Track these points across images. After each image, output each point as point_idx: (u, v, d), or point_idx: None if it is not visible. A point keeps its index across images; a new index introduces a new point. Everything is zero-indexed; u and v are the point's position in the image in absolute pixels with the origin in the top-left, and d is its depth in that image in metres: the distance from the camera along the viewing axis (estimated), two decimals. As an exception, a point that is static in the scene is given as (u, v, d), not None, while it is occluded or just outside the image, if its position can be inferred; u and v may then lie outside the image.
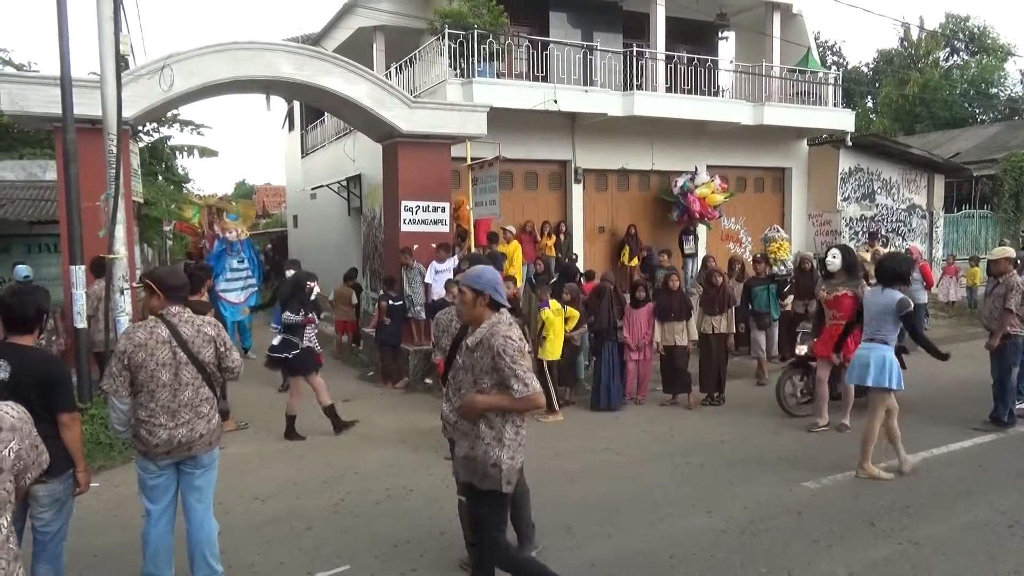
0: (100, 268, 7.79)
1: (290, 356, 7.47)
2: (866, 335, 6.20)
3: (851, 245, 9.07)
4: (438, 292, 10.52)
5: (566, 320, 8.28)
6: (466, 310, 3.63)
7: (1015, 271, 7.48)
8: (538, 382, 3.47)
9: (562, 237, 13.63)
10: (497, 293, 3.59)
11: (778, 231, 11.36)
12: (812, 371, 7.89)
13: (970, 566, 4.48)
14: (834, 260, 7.51)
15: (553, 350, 8.10)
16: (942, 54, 35.30)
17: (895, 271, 6.13)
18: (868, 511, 5.28)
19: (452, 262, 10.60)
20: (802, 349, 8.03)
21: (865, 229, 16.46)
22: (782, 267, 10.95)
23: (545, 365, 8.03)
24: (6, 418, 2.05)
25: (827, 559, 4.58)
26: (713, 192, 14.15)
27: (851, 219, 16.91)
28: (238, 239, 10.64)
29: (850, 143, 16.63)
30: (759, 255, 10.67)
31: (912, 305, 6.09)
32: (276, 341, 7.59)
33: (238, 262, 9.92)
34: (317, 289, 7.69)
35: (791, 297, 10.14)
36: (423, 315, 10.70)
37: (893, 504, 5.42)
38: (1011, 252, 7.73)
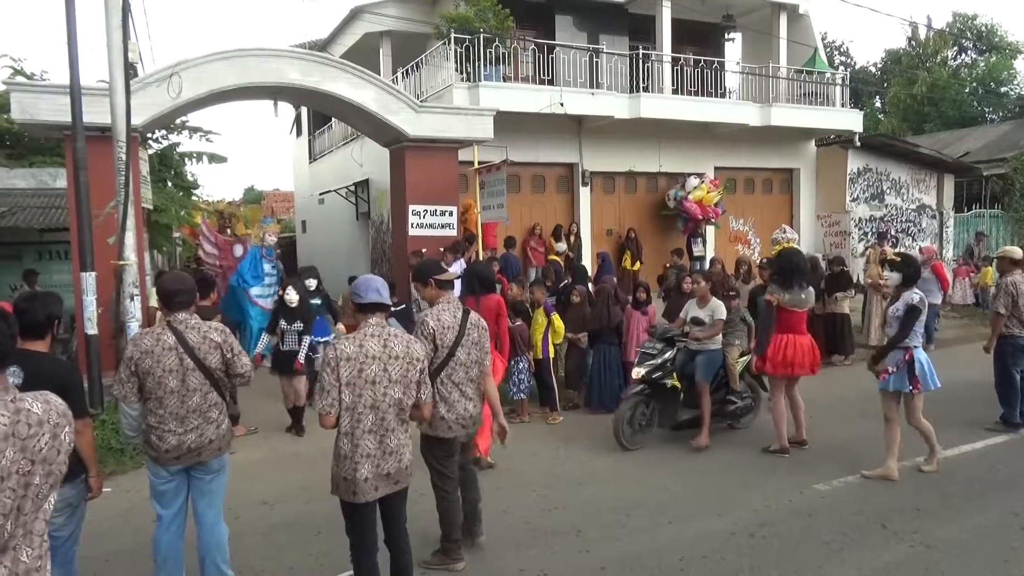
0: None
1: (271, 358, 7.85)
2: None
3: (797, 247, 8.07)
4: None
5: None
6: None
7: (1016, 271, 7.33)
8: (325, 402, 3.53)
9: (572, 239, 13.65)
10: (358, 296, 3.72)
11: (785, 231, 10.66)
12: (654, 398, 7.02)
13: (983, 569, 4.44)
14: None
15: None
16: (950, 53, 35.13)
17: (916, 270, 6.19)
18: (879, 513, 5.25)
19: (459, 266, 10.62)
20: (639, 372, 6.91)
21: (875, 230, 16.39)
22: None
23: (550, 363, 8.14)
24: (59, 405, 2.15)
25: (838, 562, 4.55)
26: (707, 192, 14.15)
27: (860, 220, 16.84)
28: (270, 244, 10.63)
29: (858, 143, 16.57)
30: (764, 260, 9.72)
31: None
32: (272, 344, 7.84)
33: (271, 267, 9.93)
34: (288, 296, 7.61)
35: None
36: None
37: (904, 506, 5.38)
38: (1016, 252, 7.57)
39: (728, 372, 7.20)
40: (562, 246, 13.24)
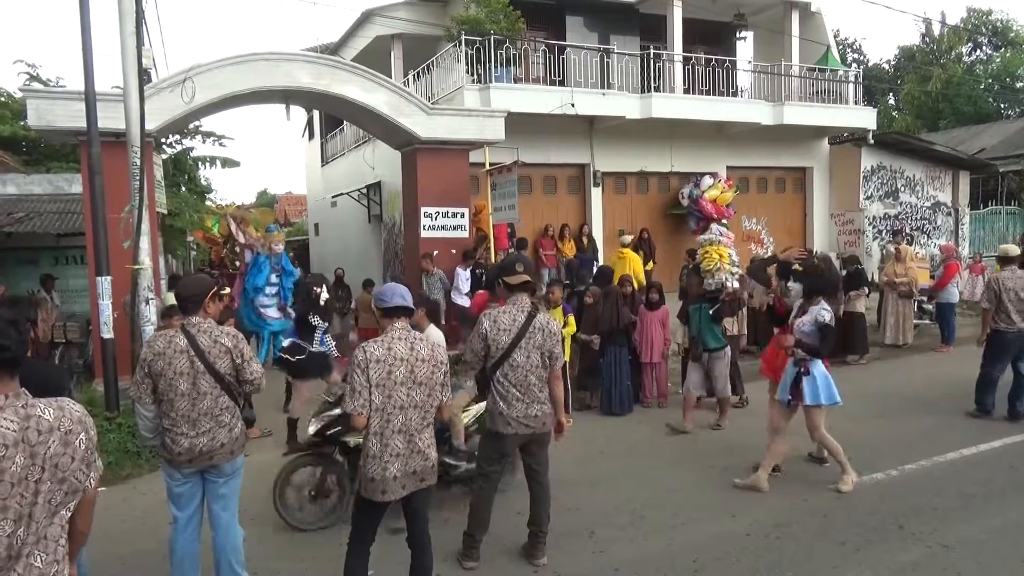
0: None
1: (294, 359, 7.37)
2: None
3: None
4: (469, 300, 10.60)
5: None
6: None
7: (1007, 268, 7.55)
8: (357, 403, 3.63)
9: (584, 240, 13.63)
10: (383, 301, 3.83)
11: (713, 232, 8.37)
12: (328, 460, 5.31)
13: (1001, 570, 4.40)
14: None
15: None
16: (965, 49, 34.80)
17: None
18: (896, 514, 5.21)
19: (466, 274, 10.69)
20: (314, 426, 5.28)
21: (889, 228, 16.26)
22: (711, 281, 8.01)
23: (565, 364, 8.08)
24: (73, 412, 2.18)
25: (854, 563, 4.52)
26: (722, 192, 14.10)
27: (874, 218, 16.73)
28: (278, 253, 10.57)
29: (872, 141, 16.45)
30: (692, 265, 8.47)
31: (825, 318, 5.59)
32: (286, 343, 7.63)
33: (276, 276, 9.90)
34: (325, 294, 7.72)
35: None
36: (442, 320, 10.76)
37: (921, 506, 5.34)
38: (1010, 250, 7.79)
39: (451, 425, 5.42)
40: (628, 238, 12.61)
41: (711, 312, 7.58)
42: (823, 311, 5.57)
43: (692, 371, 7.72)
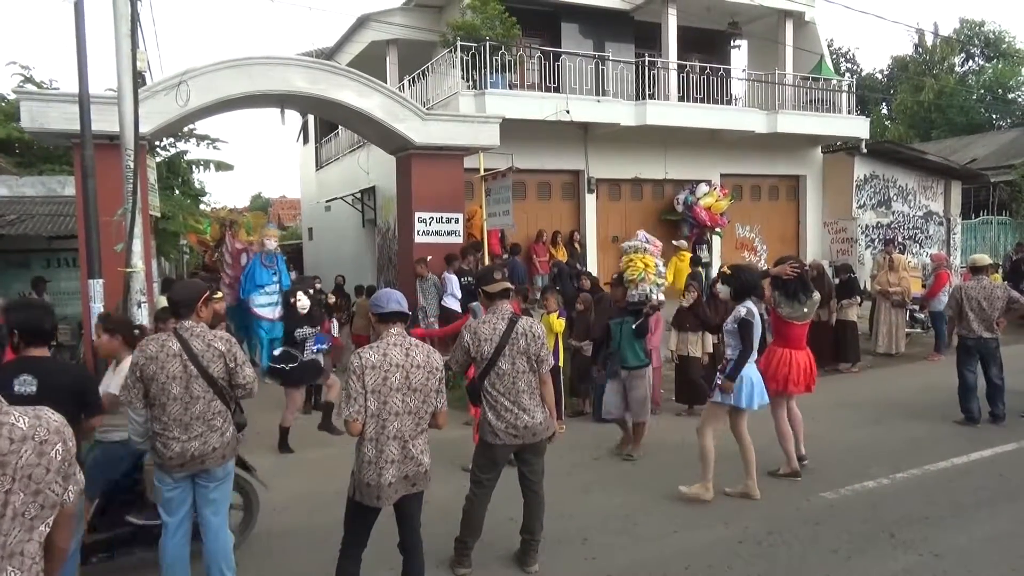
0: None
1: (287, 368, 7.51)
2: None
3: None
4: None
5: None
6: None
7: (974, 278, 7.80)
8: (352, 409, 3.63)
9: (576, 247, 13.64)
10: (378, 307, 3.84)
11: (639, 239, 7.65)
12: None
13: (992, 578, 4.42)
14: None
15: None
16: (957, 59, 35.08)
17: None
18: (887, 522, 5.22)
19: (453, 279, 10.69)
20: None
21: (882, 236, 16.34)
22: (635, 292, 7.23)
23: (560, 371, 8.08)
24: (51, 422, 2.09)
25: (846, 571, 4.52)
26: (717, 200, 14.16)
27: (867, 226, 16.81)
28: (275, 251, 10.51)
29: (865, 150, 16.54)
30: (615, 275, 7.67)
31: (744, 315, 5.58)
32: (277, 352, 7.66)
33: (271, 275, 9.83)
34: (301, 303, 7.68)
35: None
36: (436, 326, 10.74)
37: (912, 515, 5.35)
38: (981, 260, 8.03)
39: (145, 478, 4.27)
40: (684, 243, 12.87)
41: (634, 327, 6.93)
42: (741, 308, 5.64)
43: (609, 391, 7.08)
